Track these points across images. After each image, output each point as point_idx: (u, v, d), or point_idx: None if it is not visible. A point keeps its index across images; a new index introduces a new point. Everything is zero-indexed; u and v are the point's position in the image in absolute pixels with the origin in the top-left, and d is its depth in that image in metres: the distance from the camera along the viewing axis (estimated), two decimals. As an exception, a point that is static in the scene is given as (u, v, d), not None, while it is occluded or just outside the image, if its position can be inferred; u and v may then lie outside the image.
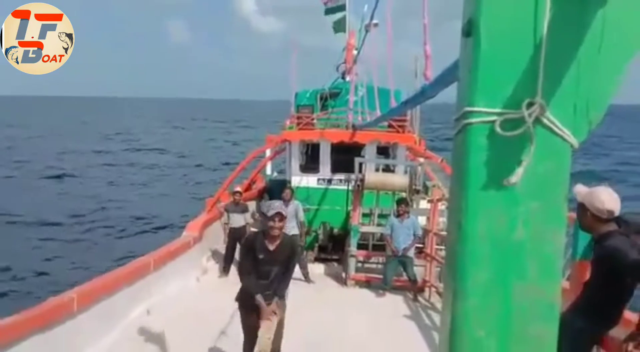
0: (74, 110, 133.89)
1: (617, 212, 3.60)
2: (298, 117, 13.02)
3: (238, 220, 10.55)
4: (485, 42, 1.43)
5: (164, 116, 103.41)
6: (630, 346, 3.69)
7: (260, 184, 15.83)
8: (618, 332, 3.79)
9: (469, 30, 1.48)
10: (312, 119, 12.95)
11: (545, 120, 1.43)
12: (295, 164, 12.75)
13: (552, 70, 1.40)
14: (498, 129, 1.43)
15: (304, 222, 10.61)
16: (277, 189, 14.08)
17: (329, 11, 17.02)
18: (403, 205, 9.47)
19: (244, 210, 10.82)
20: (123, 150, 48.35)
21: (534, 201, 1.47)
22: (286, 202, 9.89)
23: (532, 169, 1.44)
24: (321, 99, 14.25)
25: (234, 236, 10.25)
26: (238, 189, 11.18)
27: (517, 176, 1.44)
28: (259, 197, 15.18)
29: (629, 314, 3.86)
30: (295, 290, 9.41)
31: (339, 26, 17.00)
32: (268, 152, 15.55)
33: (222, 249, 10.77)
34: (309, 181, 12.53)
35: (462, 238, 1.50)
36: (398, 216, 9.49)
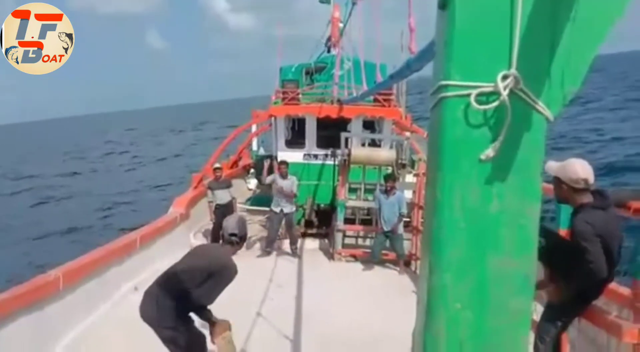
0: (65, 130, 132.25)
1: (591, 181, 3.67)
2: (283, 92, 12.92)
3: (223, 196, 10.52)
4: (459, 15, 1.41)
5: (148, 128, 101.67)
6: (614, 314, 3.80)
7: (246, 160, 15.78)
8: (600, 303, 3.89)
9: (444, 2, 1.46)
10: (298, 94, 12.85)
11: (520, 93, 1.42)
12: (281, 139, 12.69)
13: (527, 43, 1.39)
14: (473, 103, 1.42)
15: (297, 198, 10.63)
16: (262, 164, 14.08)
17: None
18: (390, 181, 9.48)
19: (228, 185, 10.78)
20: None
21: (509, 174, 1.47)
22: (283, 178, 10.05)
23: (507, 142, 1.45)
24: (307, 73, 14.13)
25: (221, 212, 10.23)
26: (218, 165, 11.11)
27: (494, 149, 1.45)
28: (245, 173, 15.16)
29: (613, 285, 3.95)
30: (284, 264, 9.52)
31: None
32: (254, 128, 15.46)
33: (209, 225, 10.76)
34: (295, 156, 12.50)
35: (438, 211, 1.50)
36: (385, 191, 9.52)
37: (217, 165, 11.10)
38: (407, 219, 10.03)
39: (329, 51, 15.74)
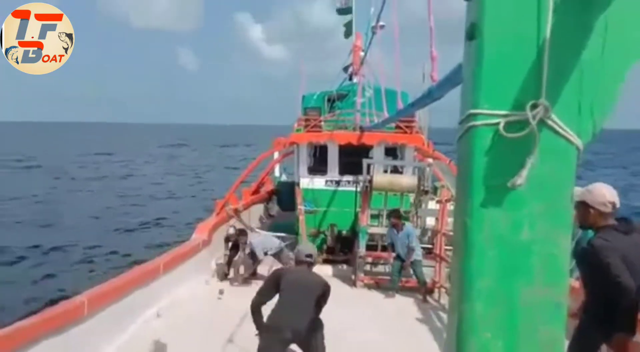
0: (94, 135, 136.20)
1: (618, 204, 3.65)
2: (306, 120, 13.03)
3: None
4: (488, 45, 1.43)
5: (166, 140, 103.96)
6: None
7: (268, 187, 15.86)
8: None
9: (473, 33, 1.48)
10: (320, 121, 12.95)
11: (549, 122, 1.43)
12: (304, 166, 12.75)
13: (556, 72, 1.41)
14: (502, 131, 1.43)
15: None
16: (285, 191, 14.12)
17: (341, 12, 17.17)
18: (394, 217, 9.48)
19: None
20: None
21: (539, 203, 1.47)
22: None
23: (537, 171, 1.45)
24: (329, 100, 14.27)
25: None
26: (231, 231, 10.93)
27: (521, 177, 1.45)
28: (268, 199, 15.21)
29: None
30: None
31: (348, 29, 17.08)
32: (276, 155, 15.58)
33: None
34: (317, 182, 12.53)
35: (468, 240, 1.50)
36: (393, 227, 9.50)
37: (230, 231, 10.82)
38: (429, 246, 9.96)
39: (350, 79, 15.89)
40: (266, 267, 9.67)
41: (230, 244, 10.39)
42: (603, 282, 3.57)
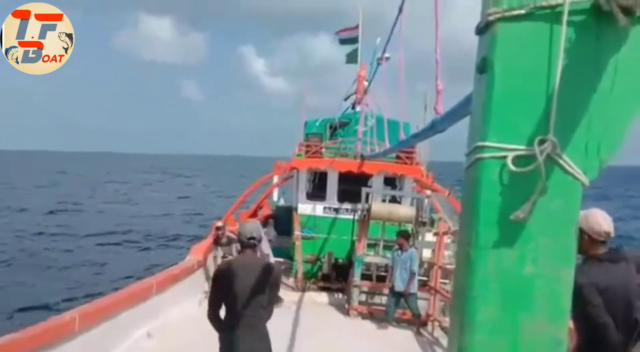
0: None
1: (612, 234, 3.62)
2: (307, 146, 13.09)
3: (228, 252, 10.58)
4: (499, 79, 1.45)
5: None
6: None
7: (266, 211, 15.85)
8: None
9: (484, 66, 1.51)
10: (321, 148, 13.01)
11: (556, 158, 1.44)
12: (302, 191, 12.76)
13: (565, 109, 1.42)
14: (509, 165, 1.44)
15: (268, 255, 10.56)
16: (283, 215, 14.09)
17: (343, 42, 17.36)
18: (400, 238, 9.43)
19: (230, 242, 10.71)
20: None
21: (544, 238, 1.47)
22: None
23: (543, 206, 1.45)
24: (330, 128, 14.36)
25: None
26: (220, 224, 11.14)
27: (524, 211, 1.45)
28: (265, 223, 15.18)
29: None
30: (297, 318, 9.37)
31: (352, 58, 17.28)
32: (275, 179, 15.60)
33: None
34: (316, 209, 12.52)
35: (471, 272, 1.50)
36: (398, 248, 9.45)
37: (219, 224, 11.06)
38: (425, 278, 9.90)
39: (353, 108, 16.02)
40: None
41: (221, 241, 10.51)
42: (587, 321, 3.53)
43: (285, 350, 7.33)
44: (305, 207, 12.54)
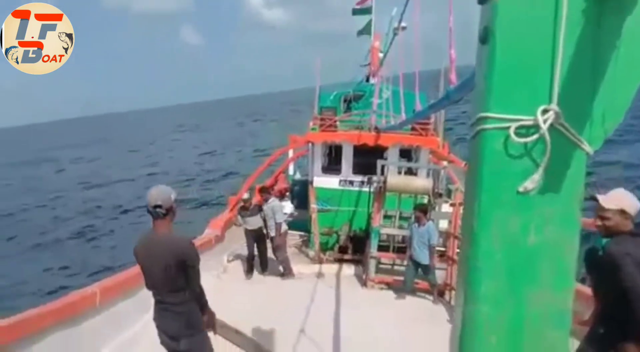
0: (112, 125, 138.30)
1: None
2: (321, 119, 13.04)
3: (254, 222, 10.40)
4: (500, 49, 1.44)
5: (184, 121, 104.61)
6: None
7: (282, 185, 15.92)
8: None
9: (485, 37, 1.49)
10: (335, 121, 12.95)
11: (560, 128, 1.43)
12: (318, 165, 12.76)
13: (568, 78, 1.41)
14: (512, 135, 1.44)
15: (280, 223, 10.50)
16: (299, 189, 14.16)
17: (356, 12, 17.09)
18: (418, 211, 9.40)
19: (259, 211, 10.54)
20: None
21: (548, 207, 1.47)
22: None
23: (546, 175, 1.45)
24: (345, 101, 14.27)
25: (252, 236, 10.27)
26: (246, 196, 11.01)
27: (533, 182, 1.45)
28: (281, 197, 15.28)
29: None
30: (316, 289, 9.49)
31: (366, 29, 17.04)
32: (291, 153, 15.61)
33: (242, 249, 10.79)
34: (331, 182, 12.54)
35: (475, 242, 1.51)
36: (416, 221, 9.45)
37: (245, 196, 10.99)
38: (443, 249, 9.92)
39: (367, 80, 15.88)
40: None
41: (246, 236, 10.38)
42: (616, 290, 3.54)
43: (303, 322, 7.44)
44: (321, 181, 12.56)
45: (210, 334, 4.53)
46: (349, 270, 11.05)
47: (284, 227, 10.45)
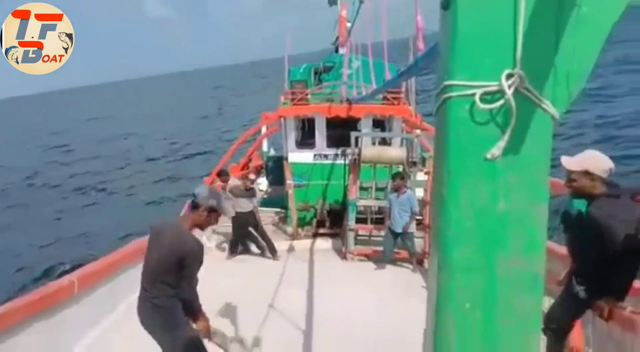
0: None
1: (614, 170, 3.69)
2: (292, 93, 12.92)
3: (245, 205, 10.20)
4: (462, 15, 1.41)
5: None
6: (629, 309, 3.77)
7: (257, 162, 15.82)
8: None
9: (447, 2, 1.46)
10: (306, 94, 12.85)
11: (524, 92, 1.42)
12: (291, 140, 12.70)
13: (531, 41, 1.39)
14: (478, 102, 1.42)
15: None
16: (274, 166, 14.09)
17: None
18: (398, 179, 9.45)
19: (252, 195, 10.43)
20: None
21: (516, 173, 1.47)
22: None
23: (514, 141, 1.44)
24: (315, 73, 14.14)
25: (241, 220, 10.10)
26: (252, 176, 10.79)
27: (499, 148, 1.45)
28: (256, 174, 15.19)
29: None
30: (296, 265, 9.54)
31: None
32: (264, 129, 15.49)
33: (222, 228, 10.70)
34: (305, 156, 12.51)
35: (444, 211, 1.50)
36: (395, 191, 9.50)
37: (252, 176, 10.76)
38: (420, 217, 10.02)
39: (336, 51, 15.73)
40: None
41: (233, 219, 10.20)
42: (600, 251, 3.60)
43: (286, 297, 7.49)
44: (295, 156, 12.52)
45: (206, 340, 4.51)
46: (327, 244, 11.12)
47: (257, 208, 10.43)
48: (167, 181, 27.18)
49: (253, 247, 10.47)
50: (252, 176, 10.96)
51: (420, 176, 11.09)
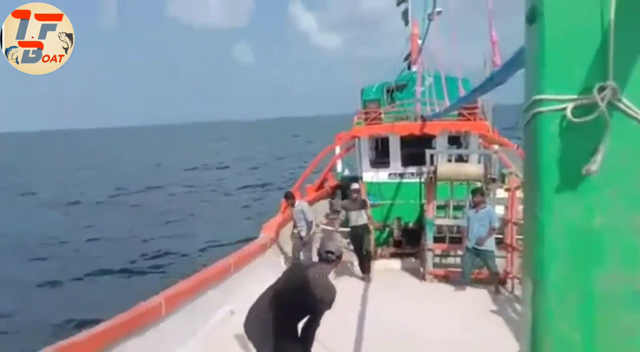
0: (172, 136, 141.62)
1: None
2: (365, 112, 12.96)
3: (357, 217, 10.02)
4: (550, 28, 1.38)
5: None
6: None
7: (332, 182, 15.93)
8: None
9: (533, 16, 1.43)
10: (380, 113, 12.85)
11: (619, 104, 1.37)
12: (366, 159, 12.71)
13: (623, 52, 1.34)
14: (570, 116, 1.38)
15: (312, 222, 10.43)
16: (349, 186, 14.14)
17: (399, 2, 17.10)
18: (477, 195, 9.22)
19: (362, 206, 10.20)
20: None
21: (612, 189, 1.41)
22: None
23: (608, 155, 1.39)
24: (388, 91, 14.14)
25: (354, 235, 9.97)
26: (356, 186, 10.64)
27: (596, 163, 1.39)
28: (332, 195, 15.27)
29: None
30: (373, 286, 9.46)
31: (405, 17, 16.97)
32: (337, 150, 15.60)
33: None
34: (380, 175, 12.46)
35: (539, 230, 1.46)
36: (473, 206, 9.26)
37: (355, 185, 10.62)
38: (500, 236, 9.69)
39: (409, 68, 15.69)
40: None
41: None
42: None
43: (364, 318, 7.44)
44: (370, 175, 12.51)
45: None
46: (404, 264, 10.97)
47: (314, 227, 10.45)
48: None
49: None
50: (355, 185, 10.75)
51: (500, 193, 10.76)
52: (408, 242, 11.83)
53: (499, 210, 10.07)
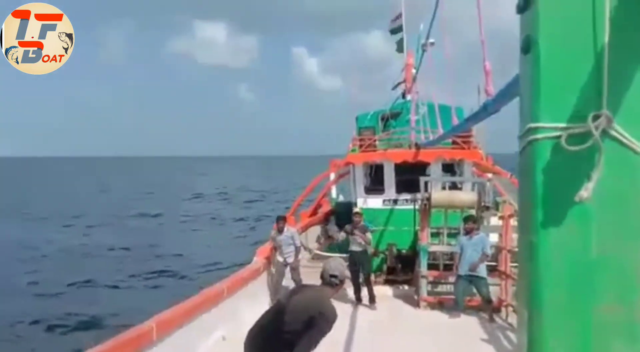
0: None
1: None
2: (360, 140, 13.04)
3: (356, 243, 10.06)
4: (545, 57, 1.41)
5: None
6: None
7: (326, 208, 15.91)
8: None
9: (528, 46, 1.47)
10: (374, 141, 12.93)
11: (613, 133, 1.39)
12: (360, 186, 12.73)
13: (617, 81, 1.37)
14: (564, 144, 1.40)
15: (300, 247, 10.53)
16: (343, 212, 14.13)
17: (393, 32, 17.34)
18: (470, 222, 9.24)
19: (364, 230, 10.17)
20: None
21: (607, 216, 1.42)
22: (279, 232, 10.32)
23: (603, 183, 1.40)
24: (382, 119, 14.25)
25: (353, 259, 9.92)
26: (357, 210, 10.70)
27: (587, 190, 1.40)
28: (325, 220, 15.24)
29: None
30: (367, 313, 9.38)
31: (400, 46, 17.21)
32: (332, 176, 15.63)
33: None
34: (375, 202, 12.47)
35: (534, 258, 1.46)
36: (466, 234, 9.27)
37: (357, 209, 10.68)
38: (494, 263, 9.68)
39: (403, 97, 15.85)
40: None
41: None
42: None
43: (358, 345, 7.36)
44: (364, 201, 12.51)
45: None
46: (398, 291, 10.90)
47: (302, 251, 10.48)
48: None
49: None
50: (357, 209, 10.81)
51: (495, 221, 10.78)
52: (402, 269, 11.78)
53: (493, 238, 10.07)
